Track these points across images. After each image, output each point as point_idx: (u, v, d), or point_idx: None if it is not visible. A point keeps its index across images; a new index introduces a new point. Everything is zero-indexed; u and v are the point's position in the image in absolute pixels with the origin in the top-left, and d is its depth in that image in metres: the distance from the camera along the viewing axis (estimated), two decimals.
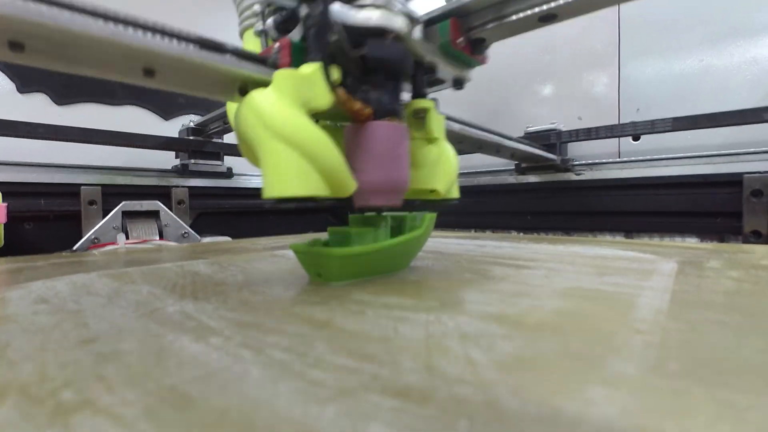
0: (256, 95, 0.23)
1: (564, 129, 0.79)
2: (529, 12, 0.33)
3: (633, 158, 0.71)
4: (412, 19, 0.30)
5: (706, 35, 0.68)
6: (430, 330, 0.17)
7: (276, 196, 0.22)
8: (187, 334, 0.17)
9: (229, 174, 0.89)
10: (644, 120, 0.68)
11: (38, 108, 0.79)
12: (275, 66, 0.26)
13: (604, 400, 0.11)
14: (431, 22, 0.33)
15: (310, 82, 0.23)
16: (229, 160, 0.88)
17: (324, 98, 0.23)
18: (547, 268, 0.32)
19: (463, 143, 0.62)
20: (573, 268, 0.32)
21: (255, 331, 0.17)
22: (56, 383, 0.13)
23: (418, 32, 0.31)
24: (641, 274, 0.28)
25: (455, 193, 0.33)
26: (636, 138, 0.73)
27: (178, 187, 0.78)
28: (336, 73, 0.25)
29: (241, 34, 0.36)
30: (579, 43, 0.83)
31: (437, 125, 0.32)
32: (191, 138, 0.82)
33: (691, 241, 0.66)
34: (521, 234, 0.83)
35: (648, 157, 0.70)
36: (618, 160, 0.73)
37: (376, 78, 0.27)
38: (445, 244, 0.52)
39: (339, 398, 0.11)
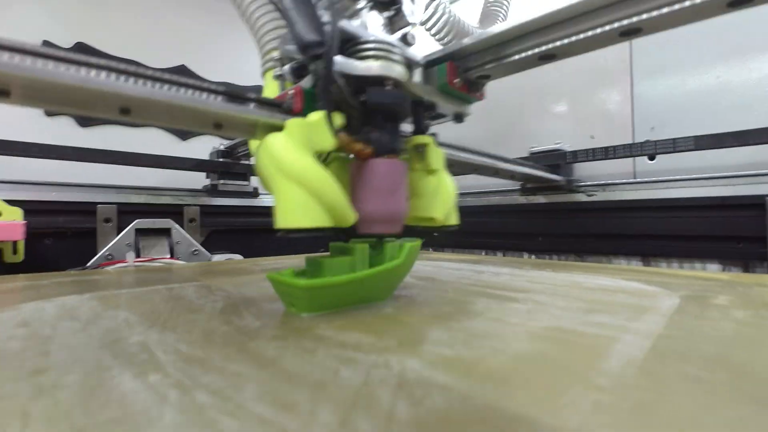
0: (271, 140, 0.26)
1: (569, 149, 0.76)
2: (529, 53, 0.34)
3: (648, 179, 0.68)
4: (412, 64, 0.32)
5: (723, 50, 0.65)
6: (370, 375, 0.16)
7: (286, 227, 0.25)
8: (132, 369, 0.17)
9: (255, 193, 0.92)
10: (663, 138, 0.65)
11: (65, 130, 0.84)
12: (290, 110, 0.29)
13: None
14: (430, 64, 0.36)
15: (317, 128, 0.26)
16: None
17: (328, 141, 0.27)
18: (534, 301, 0.30)
19: (454, 167, 0.61)
20: (563, 302, 0.30)
21: (197, 368, 0.17)
22: None
23: (417, 75, 0.34)
24: (633, 312, 0.26)
25: (454, 221, 0.34)
26: (652, 158, 0.70)
27: (189, 205, 0.80)
28: (338, 119, 0.28)
29: (263, 75, 0.40)
30: (590, 60, 0.81)
31: (436, 158, 0.34)
32: (221, 160, 0.87)
33: (712, 269, 0.62)
34: (532, 257, 0.81)
35: (663, 178, 0.66)
36: (632, 180, 0.70)
37: (376, 120, 0.30)
38: (443, 268, 0.51)
39: None
